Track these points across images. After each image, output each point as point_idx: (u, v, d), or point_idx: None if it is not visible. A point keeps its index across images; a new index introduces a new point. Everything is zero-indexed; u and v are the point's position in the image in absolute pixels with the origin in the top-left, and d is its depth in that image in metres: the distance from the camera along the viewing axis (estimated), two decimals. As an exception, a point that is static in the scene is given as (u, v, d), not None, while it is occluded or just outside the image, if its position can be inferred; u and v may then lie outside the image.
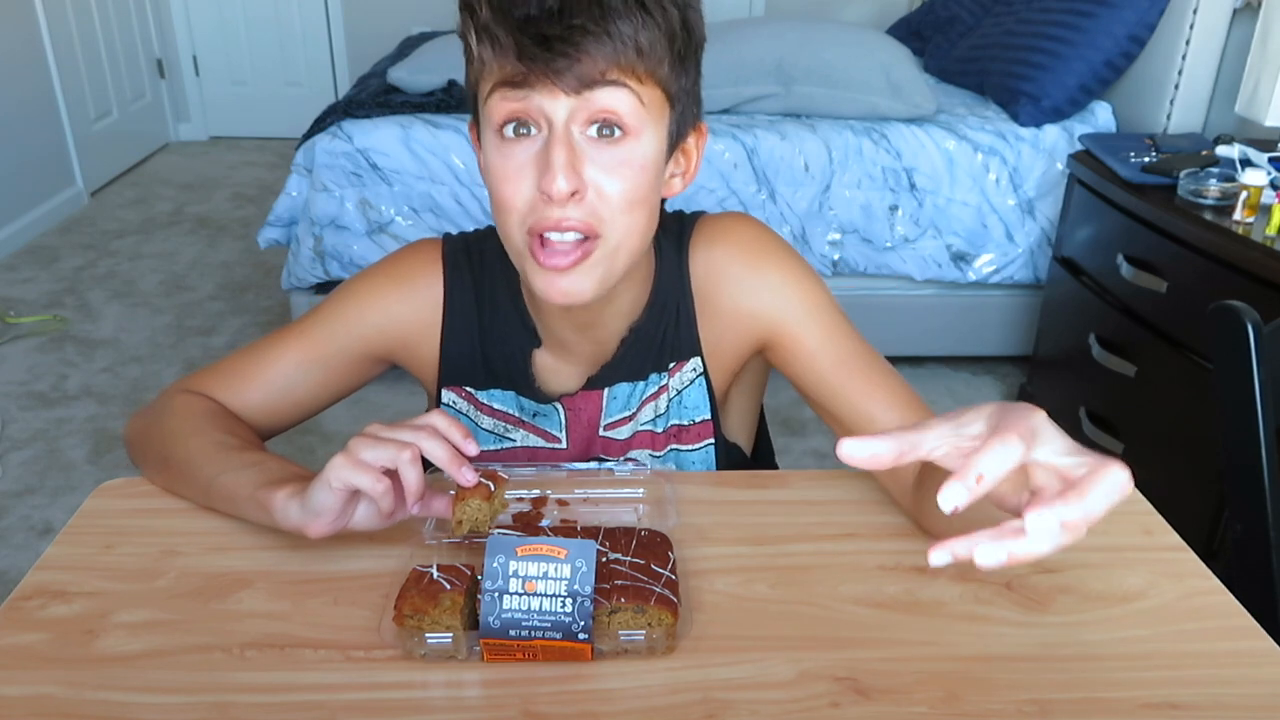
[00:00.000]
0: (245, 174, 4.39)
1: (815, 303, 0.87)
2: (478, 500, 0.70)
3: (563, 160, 0.72)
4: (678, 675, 0.67)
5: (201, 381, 0.91)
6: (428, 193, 2.40)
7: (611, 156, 0.74)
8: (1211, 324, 0.93)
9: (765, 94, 2.53)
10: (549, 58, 0.70)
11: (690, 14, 0.76)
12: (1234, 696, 0.66)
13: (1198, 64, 2.26)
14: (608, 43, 0.70)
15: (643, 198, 0.76)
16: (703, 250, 0.89)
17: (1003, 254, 2.52)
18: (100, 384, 2.61)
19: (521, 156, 0.74)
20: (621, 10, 0.70)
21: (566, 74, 0.70)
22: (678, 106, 0.77)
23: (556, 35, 0.69)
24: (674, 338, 0.91)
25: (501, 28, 0.71)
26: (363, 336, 0.91)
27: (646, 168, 0.76)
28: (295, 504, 0.72)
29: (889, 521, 0.85)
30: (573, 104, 0.72)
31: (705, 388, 0.93)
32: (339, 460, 0.69)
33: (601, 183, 0.74)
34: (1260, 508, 0.92)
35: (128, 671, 0.67)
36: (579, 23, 0.69)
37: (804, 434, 2.41)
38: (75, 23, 3.91)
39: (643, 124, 0.74)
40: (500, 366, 0.92)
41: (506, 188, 0.75)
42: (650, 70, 0.73)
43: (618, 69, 0.71)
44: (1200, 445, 1.74)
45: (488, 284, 0.91)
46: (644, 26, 0.71)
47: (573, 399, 0.93)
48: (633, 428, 0.93)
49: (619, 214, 0.75)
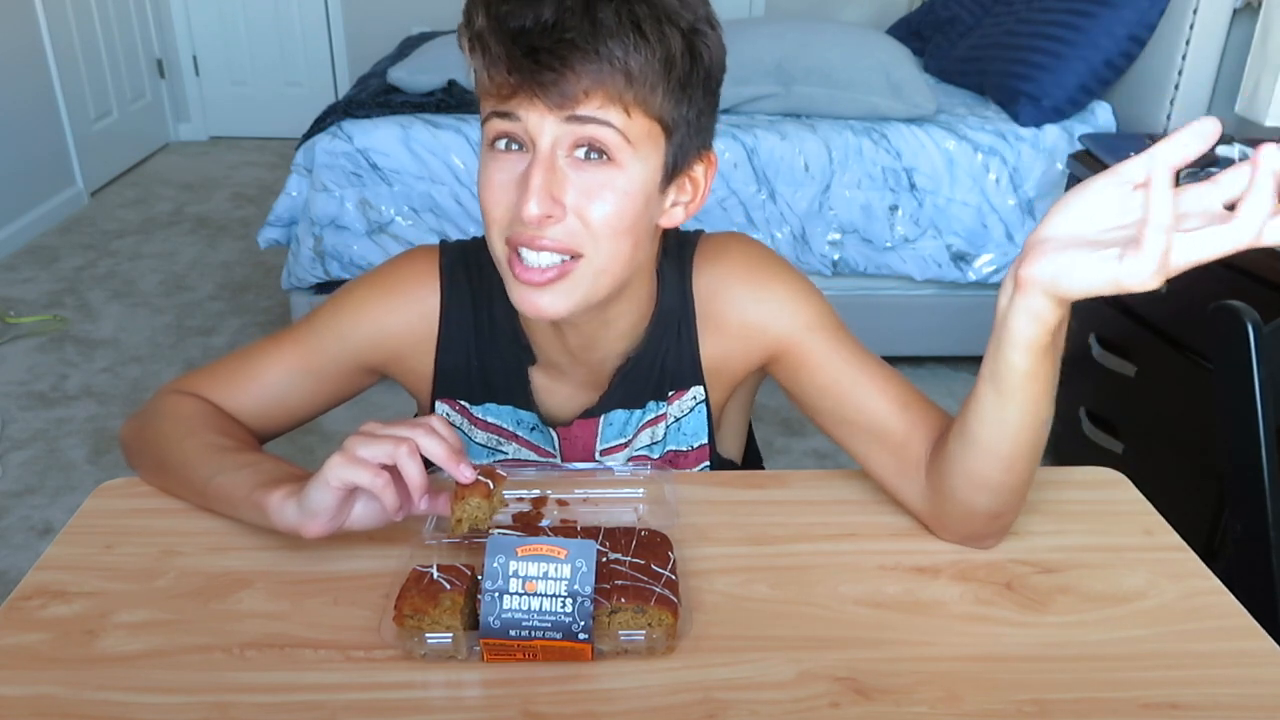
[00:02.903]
0: (245, 174, 4.39)
1: (819, 314, 0.87)
2: (477, 499, 0.70)
3: (539, 184, 0.71)
4: (678, 675, 0.67)
5: (195, 383, 0.90)
6: (428, 193, 2.39)
7: (594, 180, 0.73)
8: (1211, 324, 0.93)
9: (765, 94, 2.53)
10: (535, 70, 0.69)
11: (697, 40, 0.73)
12: (1234, 696, 0.66)
13: (1198, 64, 2.26)
14: (595, 61, 0.69)
15: (628, 226, 0.75)
16: (707, 268, 0.89)
17: (1003, 254, 2.52)
18: (100, 384, 2.61)
19: (507, 171, 0.74)
20: (615, 30, 0.69)
21: (551, 89, 0.69)
22: (676, 136, 0.75)
23: (545, 48, 0.69)
24: (675, 365, 0.90)
25: (494, 38, 0.70)
26: (356, 348, 0.90)
27: (633, 195, 0.74)
28: (291, 504, 0.72)
29: (889, 521, 0.85)
30: (558, 130, 0.71)
31: (705, 414, 0.93)
32: (336, 459, 0.69)
33: (584, 206, 0.73)
34: (1260, 508, 0.92)
35: (128, 671, 0.67)
36: (569, 37, 0.68)
37: (804, 434, 2.41)
38: (75, 23, 3.91)
39: (629, 156, 0.73)
40: (499, 381, 0.92)
41: (489, 198, 0.75)
42: (640, 99, 0.71)
43: (604, 93, 0.70)
44: (1200, 445, 1.74)
45: (485, 297, 0.90)
46: (635, 49, 0.70)
47: (568, 429, 0.92)
48: (628, 454, 0.93)
49: (603, 238, 0.74)
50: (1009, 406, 0.71)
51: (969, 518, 0.79)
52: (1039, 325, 0.65)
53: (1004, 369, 0.69)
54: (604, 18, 0.69)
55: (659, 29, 0.70)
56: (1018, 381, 0.69)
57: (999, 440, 0.73)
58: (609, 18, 0.69)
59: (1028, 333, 0.66)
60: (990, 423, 0.73)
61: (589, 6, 0.69)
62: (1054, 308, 0.64)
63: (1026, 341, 0.66)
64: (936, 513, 0.81)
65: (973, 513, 0.78)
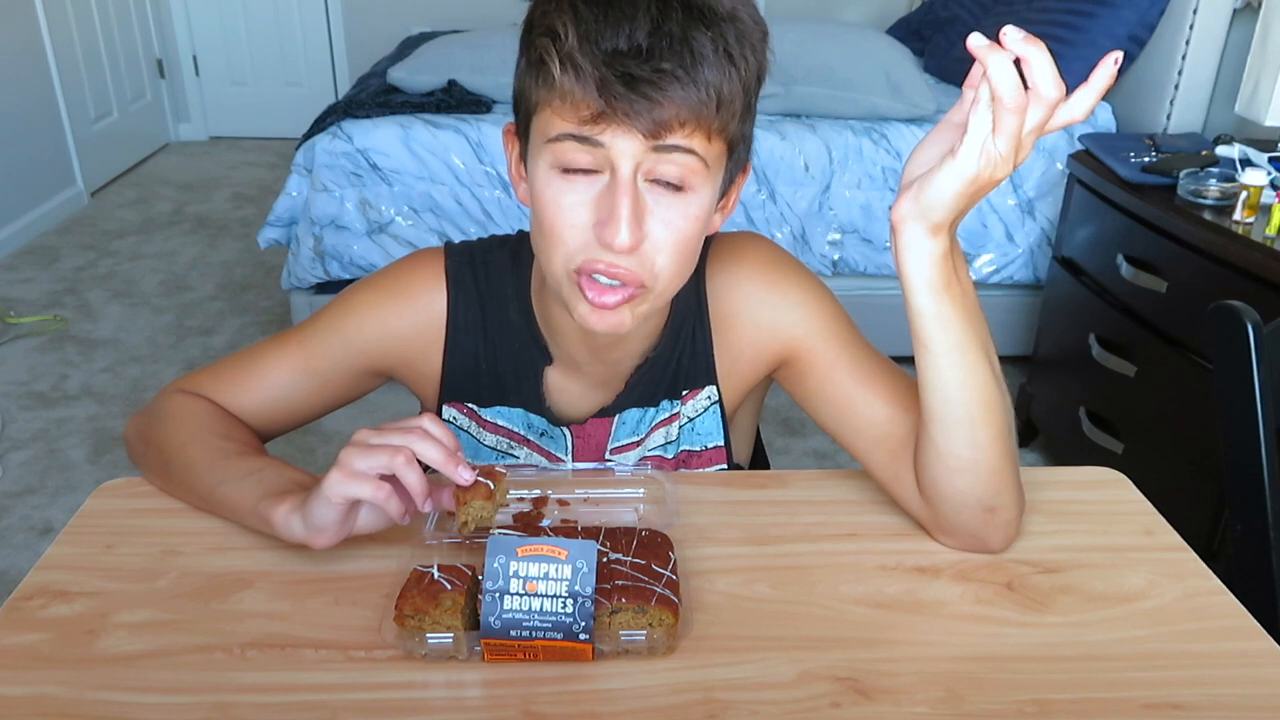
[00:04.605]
0: (245, 174, 4.39)
1: (832, 316, 0.88)
2: (479, 500, 0.70)
3: (628, 213, 0.70)
4: (678, 675, 0.67)
5: (198, 382, 0.90)
6: (428, 193, 2.40)
7: (671, 209, 0.73)
8: (1211, 324, 0.93)
9: (765, 94, 2.52)
10: (632, 99, 0.67)
11: (764, 63, 0.75)
12: (1234, 696, 0.66)
13: (1198, 64, 2.26)
14: (694, 92, 0.68)
15: (692, 249, 0.77)
16: (721, 270, 0.89)
17: (1002, 254, 2.52)
18: (100, 384, 2.61)
19: (580, 194, 0.72)
20: (711, 59, 0.69)
21: (644, 116, 0.68)
22: (736, 153, 0.77)
23: (644, 77, 0.67)
24: (689, 364, 0.90)
25: (587, 59, 0.67)
26: (361, 351, 0.89)
27: (700, 218, 0.75)
28: (297, 519, 0.72)
29: (889, 521, 0.85)
30: (642, 156, 0.70)
31: (719, 415, 0.92)
32: (335, 475, 0.69)
33: (658, 234, 0.73)
34: (1260, 508, 0.92)
35: (129, 672, 0.67)
36: (668, 67, 0.67)
37: (804, 434, 2.41)
38: (75, 23, 3.92)
39: (705, 181, 0.74)
40: (510, 383, 0.91)
41: (559, 221, 0.73)
42: (723, 125, 0.71)
43: (695, 122, 0.70)
44: (1200, 445, 1.74)
45: (495, 299, 0.90)
46: (729, 79, 0.70)
47: (582, 427, 0.92)
48: (640, 453, 0.93)
49: (669, 264, 0.75)
50: (940, 362, 0.73)
51: (961, 511, 0.78)
52: (926, 258, 0.70)
53: (917, 320, 0.72)
54: (700, 47, 0.68)
55: (745, 55, 0.71)
56: (934, 329, 0.72)
57: (950, 406, 0.74)
58: (705, 46, 0.68)
59: (920, 270, 0.70)
60: (933, 388, 0.74)
61: (686, 33, 0.68)
62: (930, 235, 0.69)
63: (924, 280, 0.71)
64: (934, 514, 0.80)
65: (963, 504, 0.77)
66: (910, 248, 0.70)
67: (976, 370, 0.73)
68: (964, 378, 0.73)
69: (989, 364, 0.74)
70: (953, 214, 0.68)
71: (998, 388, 0.75)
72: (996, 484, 0.77)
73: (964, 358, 0.73)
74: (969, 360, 0.73)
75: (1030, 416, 2.34)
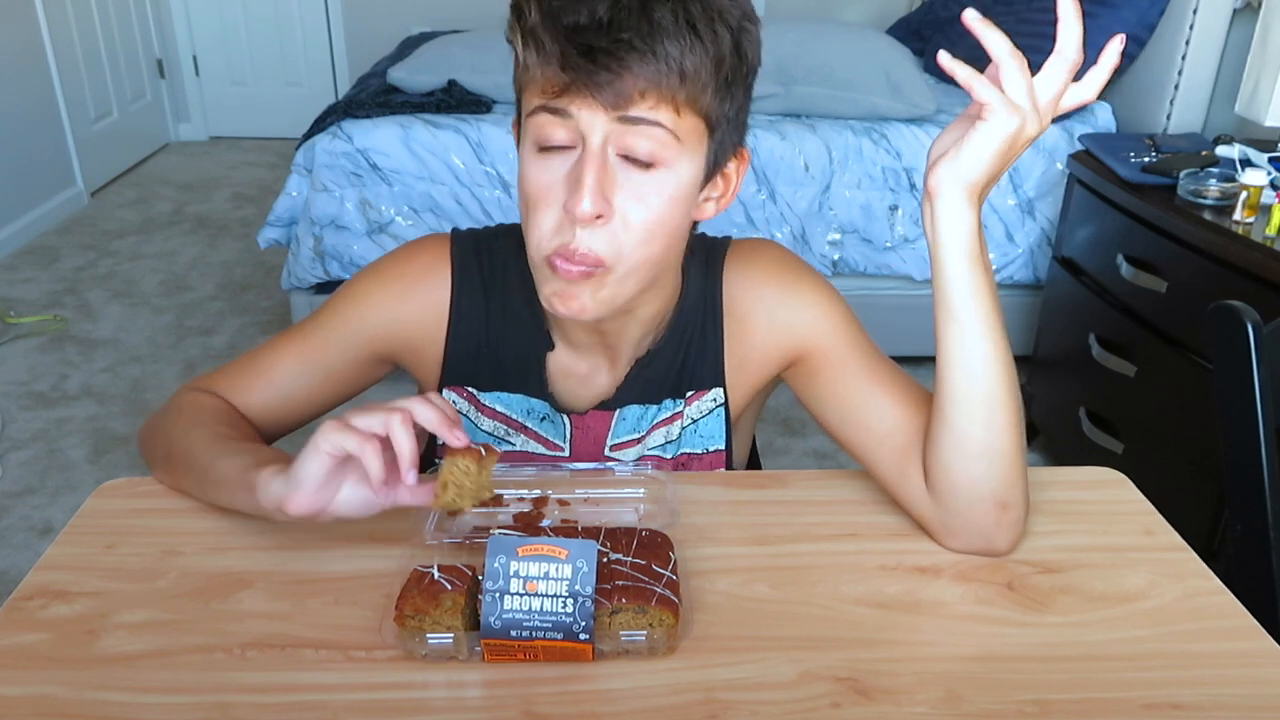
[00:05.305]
0: (245, 174, 4.39)
1: (843, 318, 0.88)
2: (465, 460, 0.69)
3: (592, 182, 0.71)
4: (679, 676, 0.67)
5: (210, 381, 0.91)
6: (428, 193, 2.40)
7: (643, 185, 0.73)
8: (1211, 324, 0.93)
9: (765, 94, 2.53)
10: (591, 70, 0.69)
11: (744, 38, 0.74)
12: (1234, 696, 0.66)
13: (1198, 64, 2.26)
14: (652, 62, 0.69)
15: (668, 229, 0.76)
16: (737, 273, 0.90)
17: (1003, 254, 2.52)
18: (100, 384, 2.61)
19: (556, 171, 0.74)
20: (671, 30, 0.69)
21: (606, 88, 0.69)
22: (718, 133, 0.76)
23: (602, 48, 0.68)
24: (696, 365, 0.91)
25: (548, 34, 0.69)
26: (365, 338, 0.90)
27: (676, 198, 0.75)
28: (279, 478, 0.70)
29: (890, 521, 0.85)
30: (609, 129, 0.71)
31: (723, 418, 0.93)
32: (328, 425, 0.68)
33: (628, 209, 0.74)
34: (1260, 508, 0.92)
35: (129, 672, 0.67)
36: (626, 38, 0.68)
37: (804, 434, 2.41)
38: (75, 23, 3.91)
39: (677, 155, 0.74)
40: (512, 369, 0.92)
41: (537, 199, 0.75)
42: (691, 98, 0.72)
43: (657, 93, 0.70)
44: (1200, 445, 1.74)
45: (499, 285, 0.90)
46: (691, 50, 0.70)
47: (582, 417, 0.92)
48: (640, 451, 0.93)
49: (638, 244, 0.75)
50: (968, 334, 0.74)
51: (973, 505, 0.77)
52: (963, 224, 0.72)
53: (949, 288, 0.74)
54: (660, 17, 0.69)
55: (711, 28, 0.71)
56: (965, 298, 0.73)
57: (973, 382, 0.75)
58: (665, 17, 0.69)
59: (958, 236, 0.72)
60: (956, 363, 0.75)
61: (645, 5, 0.69)
62: (967, 201, 0.71)
63: (962, 247, 0.72)
64: (943, 512, 0.80)
65: (977, 497, 0.77)
66: (947, 212, 0.72)
67: (1000, 347, 0.75)
68: (989, 352, 0.74)
69: (1009, 347, 0.76)
70: (988, 175, 0.70)
71: (1013, 377, 0.77)
72: (1011, 474, 0.77)
73: (991, 331, 0.74)
74: (995, 335, 0.74)
75: (1030, 416, 2.34)
